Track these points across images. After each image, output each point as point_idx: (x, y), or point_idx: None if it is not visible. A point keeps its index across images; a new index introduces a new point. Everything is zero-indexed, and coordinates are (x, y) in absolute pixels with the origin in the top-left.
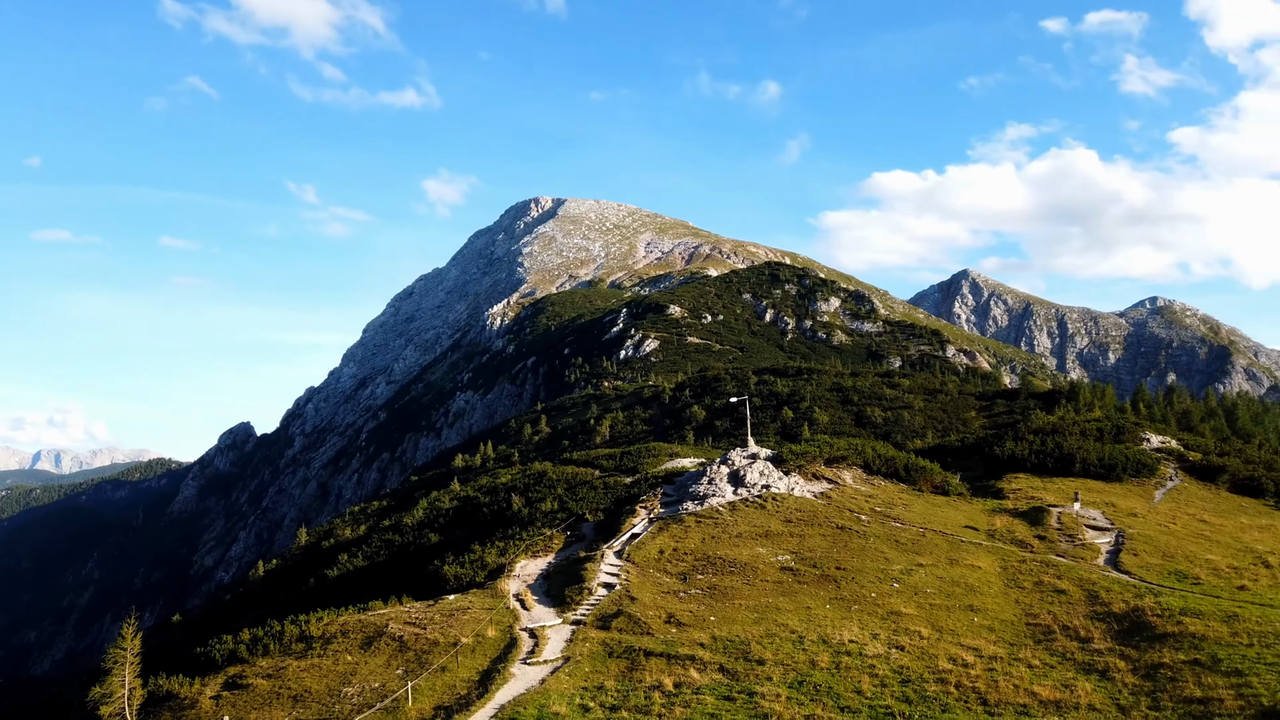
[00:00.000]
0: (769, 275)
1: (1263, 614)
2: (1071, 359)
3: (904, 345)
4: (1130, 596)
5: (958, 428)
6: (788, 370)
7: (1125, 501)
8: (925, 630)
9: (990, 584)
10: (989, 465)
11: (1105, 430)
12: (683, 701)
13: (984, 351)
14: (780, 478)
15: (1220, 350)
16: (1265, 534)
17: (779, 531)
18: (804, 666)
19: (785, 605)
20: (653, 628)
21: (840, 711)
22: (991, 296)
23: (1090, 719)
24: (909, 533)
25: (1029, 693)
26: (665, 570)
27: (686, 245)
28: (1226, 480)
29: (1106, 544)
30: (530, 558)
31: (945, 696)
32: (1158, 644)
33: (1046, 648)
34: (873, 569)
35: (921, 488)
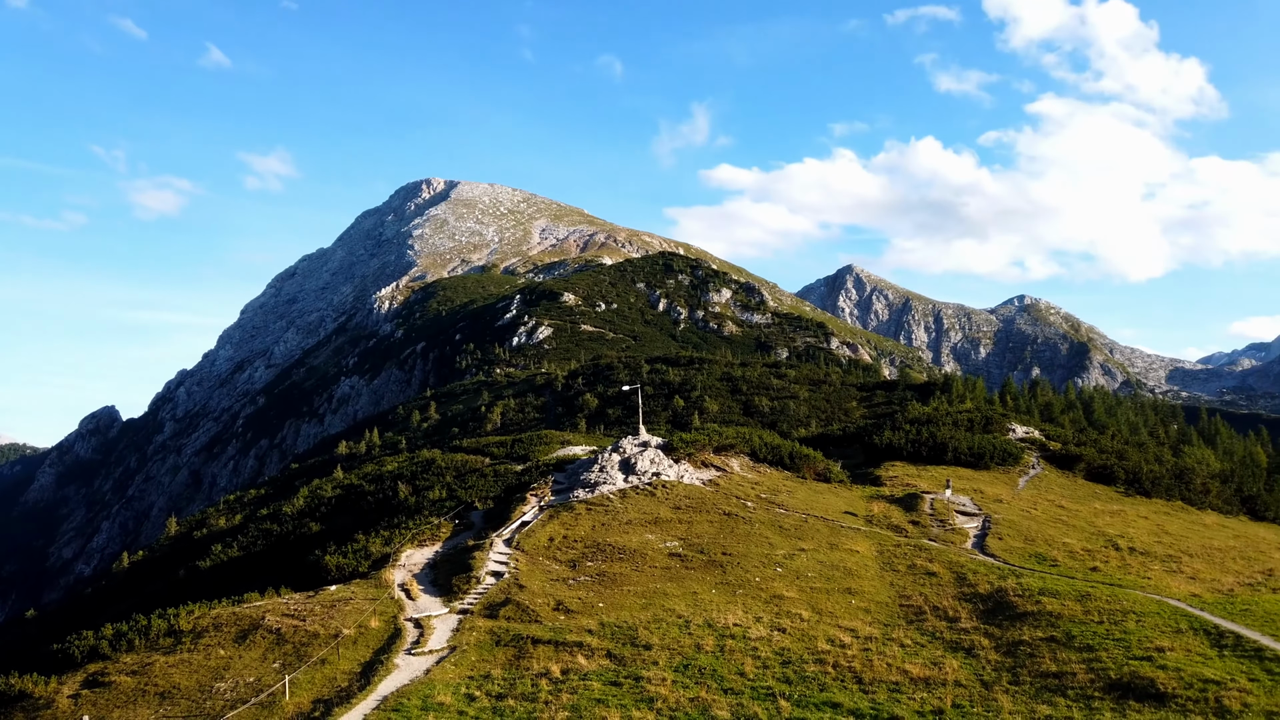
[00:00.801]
0: (663, 265)
1: (1112, 593)
2: (946, 353)
3: (791, 337)
4: (995, 578)
5: (840, 417)
6: (680, 360)
7: (992, 488)
8: (806, 613)
9: (867, 567)
10: (868, 453)
11: (975, 421)
12: (570, 688)
13: (866, 344)
14: (671, 465)
15: (1080, 347)
16: (1116, 519)
17: (668, 518)
18: (690, 650)
19: (673, 591)
20: (541, 615)
21: (724, 693)
22: (874, 291)
23: (956, 694)
24: (792, 519)
25: (901, 671)
26: (555, 558)
27: (582, 233)
28: (1082, 468)
29: (974, 528)
30: (417, 547)
31: (823, 676)
32: (1018, 622)
33: (918, 628)
34: (757, 554)
35: (805, 475)
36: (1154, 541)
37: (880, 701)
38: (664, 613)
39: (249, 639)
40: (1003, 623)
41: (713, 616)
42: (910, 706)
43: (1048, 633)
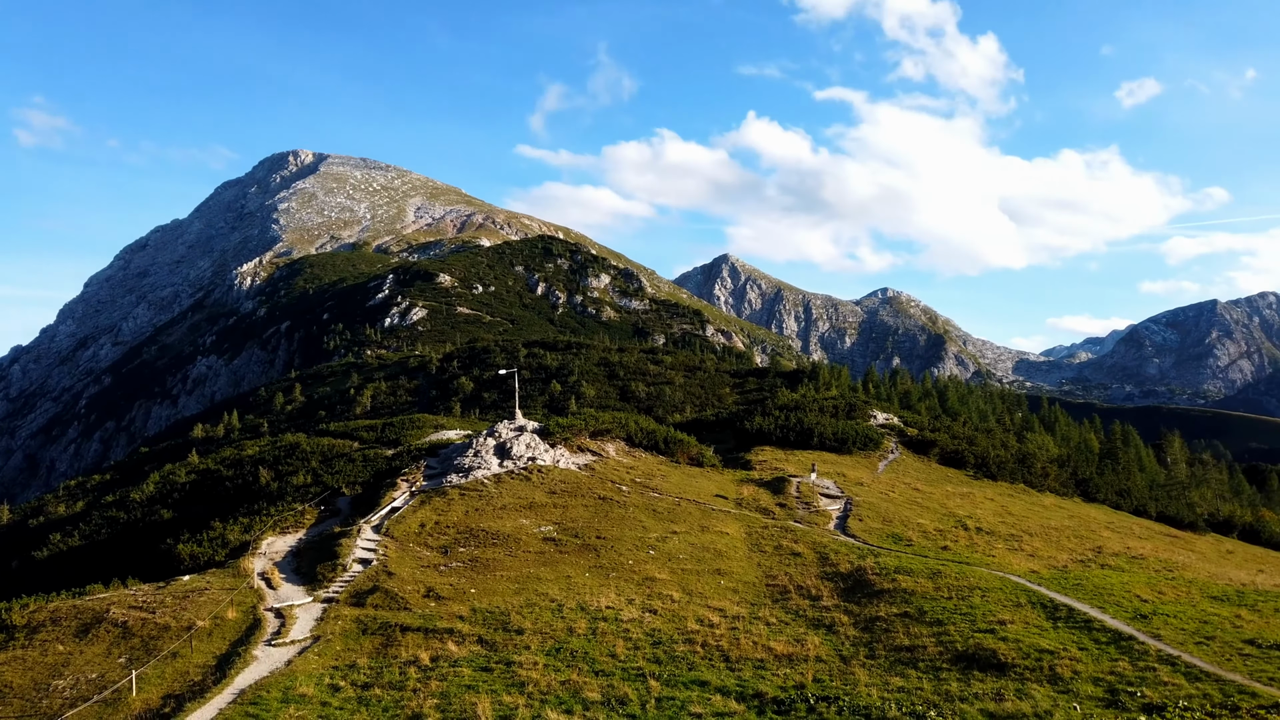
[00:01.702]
0: (542, 249)
1: (960, 570)
2: (814, 342)
3: (668, 324)
4: (855, 558)
5: (714, 403)
6: (558, 344)
7: (854, 472)
8: (677, 594)
9: (736, 549)
10: (740, 438)
11: (840, 408)
12: (439, 675)
13: (739, 332)
14: (546, 450)
15: (937, 338)
16: (965, 500)
17: (543, 503)
18: (562, 634)
19: (546, 575)
20: (411, 603)
21: (595, 675)
22: (748, 281)
23: (817, 669)
24: (666, 502)
25: (766, 648)
26: (426, 544)
27: (459, 213)
28: (936, 453)
29: (837, 510)
30: (279, 534)
31: (692, 656)
32: (876, 599)
33: (783, 606)
34: (631, 537)
35: (679, 459)
36: (999, 522)
37: (746, 678)
38: (537, 597)
39: (92, 633)
40: (861, 600)
41: (586, 600)
42: (774, 682)
43: (902, 609)
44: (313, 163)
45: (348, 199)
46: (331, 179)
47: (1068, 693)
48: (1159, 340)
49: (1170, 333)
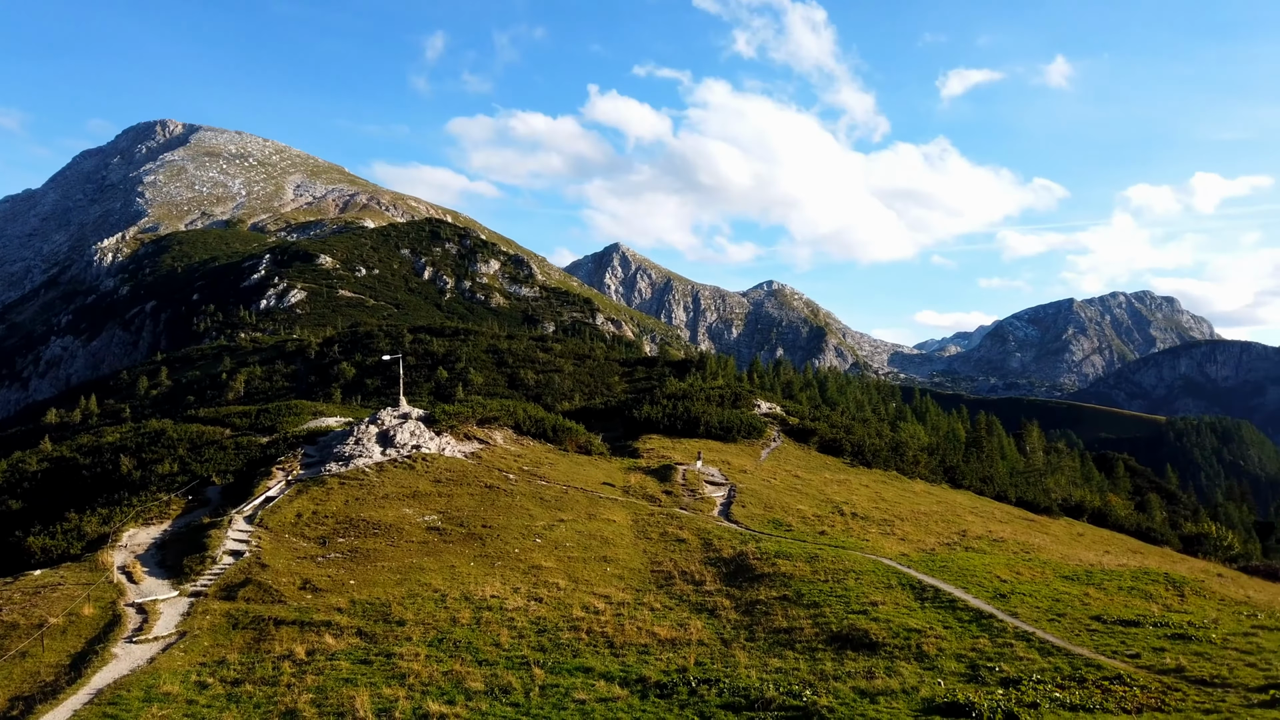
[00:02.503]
0: (430, 232)
1: (836, 554)
2: (703, 332)
3: (558, 311)
4: (737, 543)
5: (603, 391)
6: (445, 330)
7: (738, 460)
8: (563, 582)
9: (623, 536)
10: (628, 426)
11: (726, 397)
12: (315, 669)
13: (629, 321)
14: (432, 438)
15: (818, 330)
16: (842, 487)
17: (428, 492)
18: (445, 624)
19: (430, 565)
20: (286, 595)
21: (478, 665)
22: (638, 270)
23: (699, 653)
24: (553, 490)
25: (650, 633)
26: (303, 535)
27: (342, 192)
28: (816, 441)
29: (721, 497)
30: (142, 526)
31: (577, 643)
32: (756, 583)
33: (667, 592)
34: (518, 526)
35: (567, 447)
36: (873, 507)
37: (630, 664)
38: (420, 588)
39: None
40: (743, 584)
41: (470, 589)
42: (657, 666)
43: (781, 592)
44: (183, 134)
45: (221, 174)
46: (204, 152)
47: (933, 669)
48: (1021, 336)
49: (1032, 329)
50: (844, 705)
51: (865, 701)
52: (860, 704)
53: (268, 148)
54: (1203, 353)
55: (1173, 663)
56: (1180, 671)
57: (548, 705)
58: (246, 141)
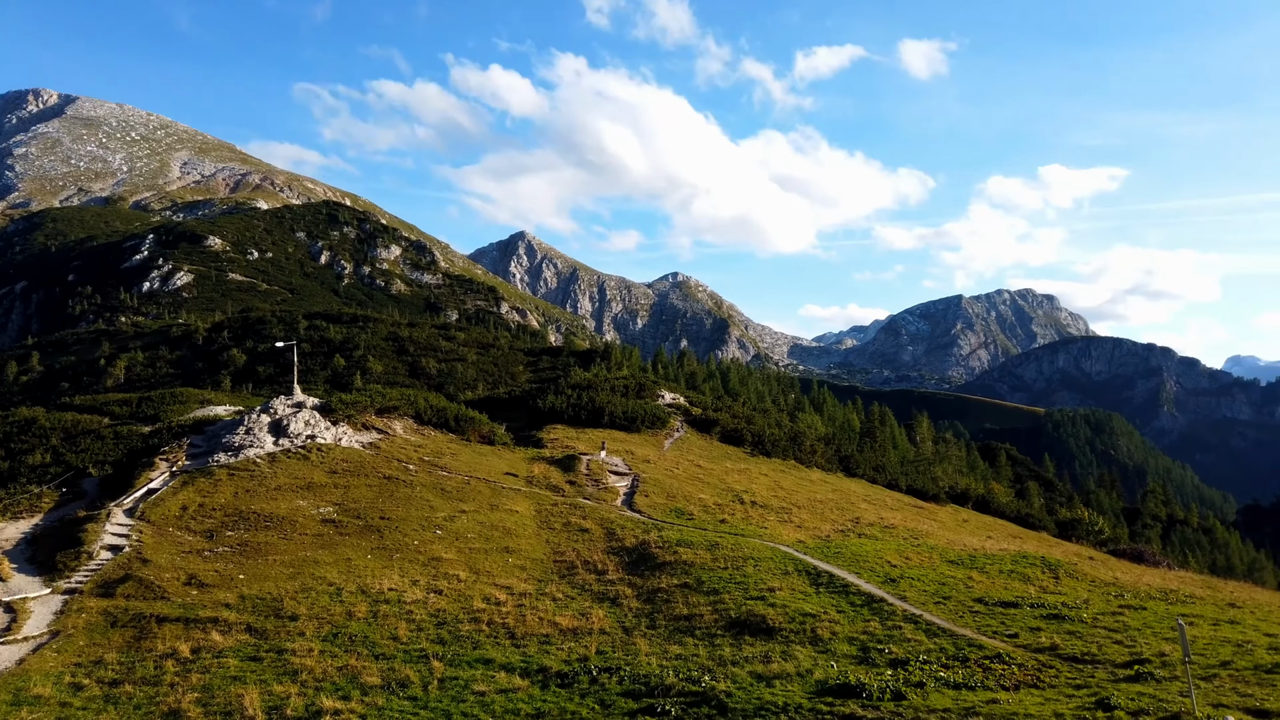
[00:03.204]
0: (327, 215)
1: (736, 542)
2: (608, 322)
3: (462, 299)
4: (640, 532)
5: (507, 381)
6: (343, 316)
7: (642, 450)
8: (464, 573)
9: (526, 526)
10: (532, 416)
11: (630, 387)
12: (201, 667)
13: (535, 310)
14: (328, 428)
15: (721, 322)
16: (742, 476)
17: (323, 483)
18: (340, 619)
19: (325, 558)
20: (169, 591)
21: (375, 659)
22: (544, 259)
23: (600, 641)
24: (455, 481)
25: (552, 623)
26: (189, 528)
27: (233, 171)
28: (718, 432)
29: (625, 487)
30: (9, 520)
31: (478, 634)
32: (658, 572)
33: (570, 581)
34: (417, 517)
35: (470, 437)
36: (771, 496)
37: (531, 654)
38: (314, 581)
39: None
40: (645, 573)
41: (367, 582)
42: (559, 656)
43: (682, 580)
44: (58, 104)
45: (101, 148)
46: (81, 124)
47: (826, 652)
48: (913, 330)
49: (923, 323)
50: (741, 689)
51: (762, 685)
52: (757, 687)
53: (152, 122)
54: (1079, 348)
55: (1048, 641)
56: (1054, 650)
57: (446, 698)
58: (129, 114)
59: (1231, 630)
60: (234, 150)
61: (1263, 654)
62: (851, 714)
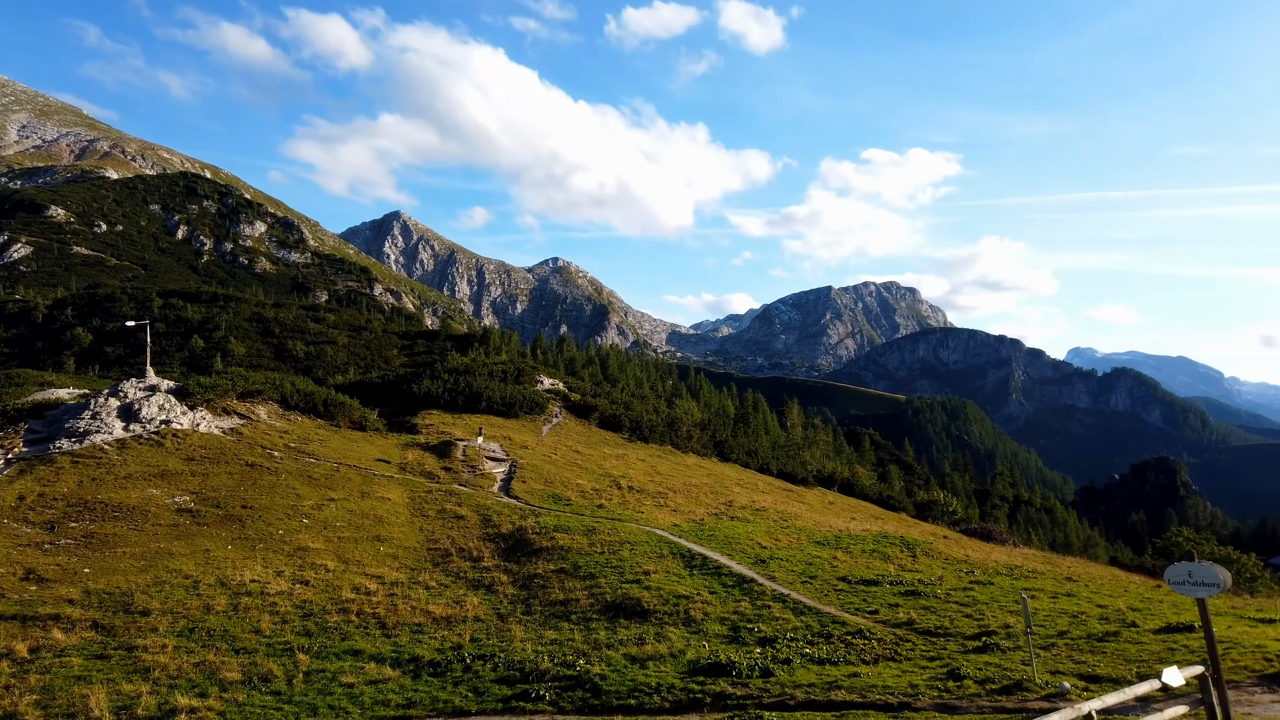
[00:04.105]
0: (185, 187)
1: (613, 526)
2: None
3: (333, 280)
4: (517, 518)
5: (380, 365)
6: (202, 295)
7: (520, 435)
8: (332, 563)
9: (398, 514)
10: (407, 402)
11: (509, 372)
12: (41, 667)
13: (410, 293)
14: (185, 412)
15: (601, 308)
16: (620, 461)
17: (179, 471)
18: (198, 613)
19: (180, 550)
20: (4, 588)
21: (235, 654)
22: (420, 240)
23: (475, 629)
24: (323, 468)
25: (425, 612)
26: (26, 520)
27: (79, 137)
28: (597, 417)
29: (502, 473)
30: None
31: (346, 625)
32: (534, 558)
33: (444, 569)
34: (283, 506)
35: (340, 423)
36: (648, 480)
37: (403, 644)
38: (169, 574)
39: None
40: (521, 559)
41: (227, 574)
42: (431, 645)
43: (558, 565)
44: None
45: None
46: None
47: (699, 632)
48: (786, 319)
49: (795, 313)
50: (616, 672)
51: (636, 667)
52: (631, 670)
53: None
54: (937, 339)
55: (905, 617)
56: (911, 624)
57: (312, 691)
58: None
59: (1068, 602)
60: (80, 114)
61: (1095, 624)
62: (722, 692)
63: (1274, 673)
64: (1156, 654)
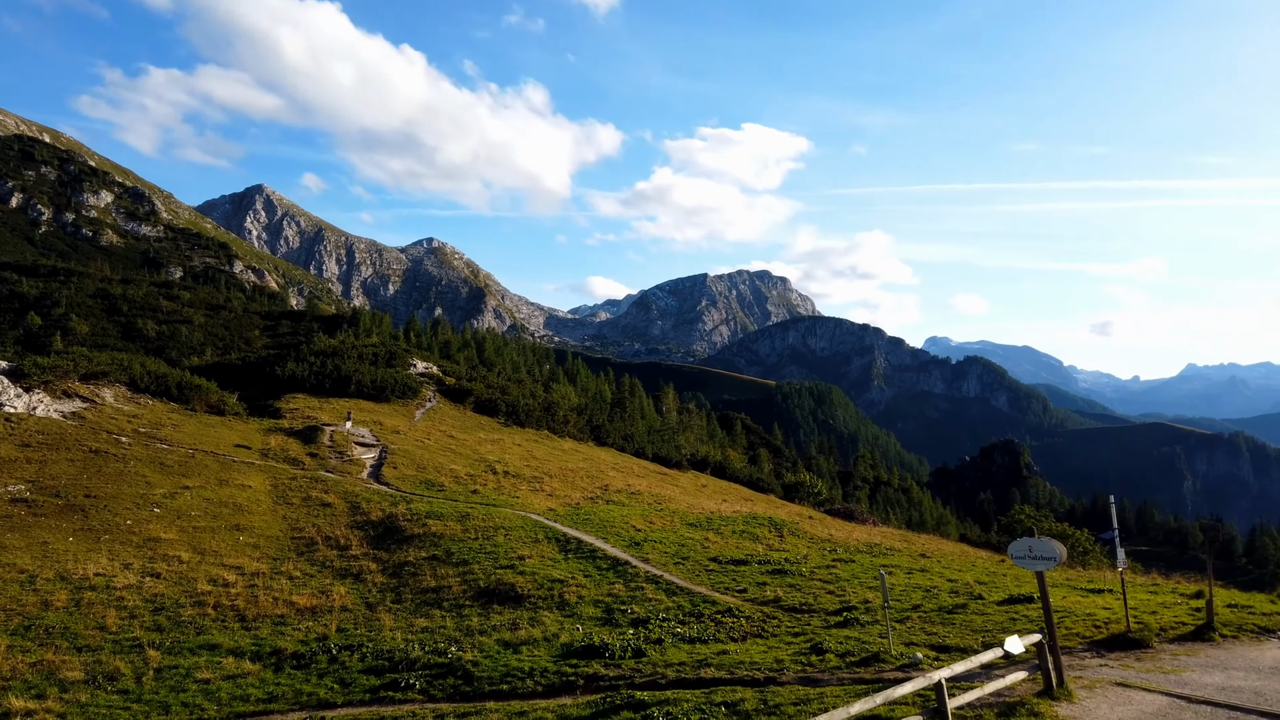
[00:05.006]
0: (20, 151)
1: (488, 512)
2: (357, 287)
3: (188, 255)
4: (387, 505)
5: (241, 346)
6: (39, 268)
7: (392, 420)
8: (186, 555)
9: (260, 502)
10: (270, 385)
11: (380, 355)
12: None
13: (274, 271)
14: (19, 395)
15: (478, 291)
16: (495, 446)
17: (12, 458)
18: (35, 609)
19: (15, 543)
20: None
21: (78, 652)
22: (285, 216)
23: (341, 619)
24: (177, 454)
25: (288, 603)
26: None
27: None
28: (472, 401)
29: (372, 459)
30: None
31: (202, 619)
32: (406, 545)
33: (309, 559)
34: (131, 495)
35: (196, 407)
36: (524, 465)
37: (264, 636)
38: (1, 569)
39: None
40: (391, 547)
41: (69, 568)
42: (295, 637)
43: (431, 552)
44: None
45: None
46: None
47: (573, 616)
48: (663, 305)
49: (671, 299)
50: (488, 658)
51: (509, 652)
52: (504, 655)
53: None
54: (806, 327)
55: (772, 595)
56: (777, 602)
57: (164, 689)
58: None
59: (922, 578)
60: None
61: (945, 597)
62: (595, 674)
63: (1102, 638)
64: (1000, 624)
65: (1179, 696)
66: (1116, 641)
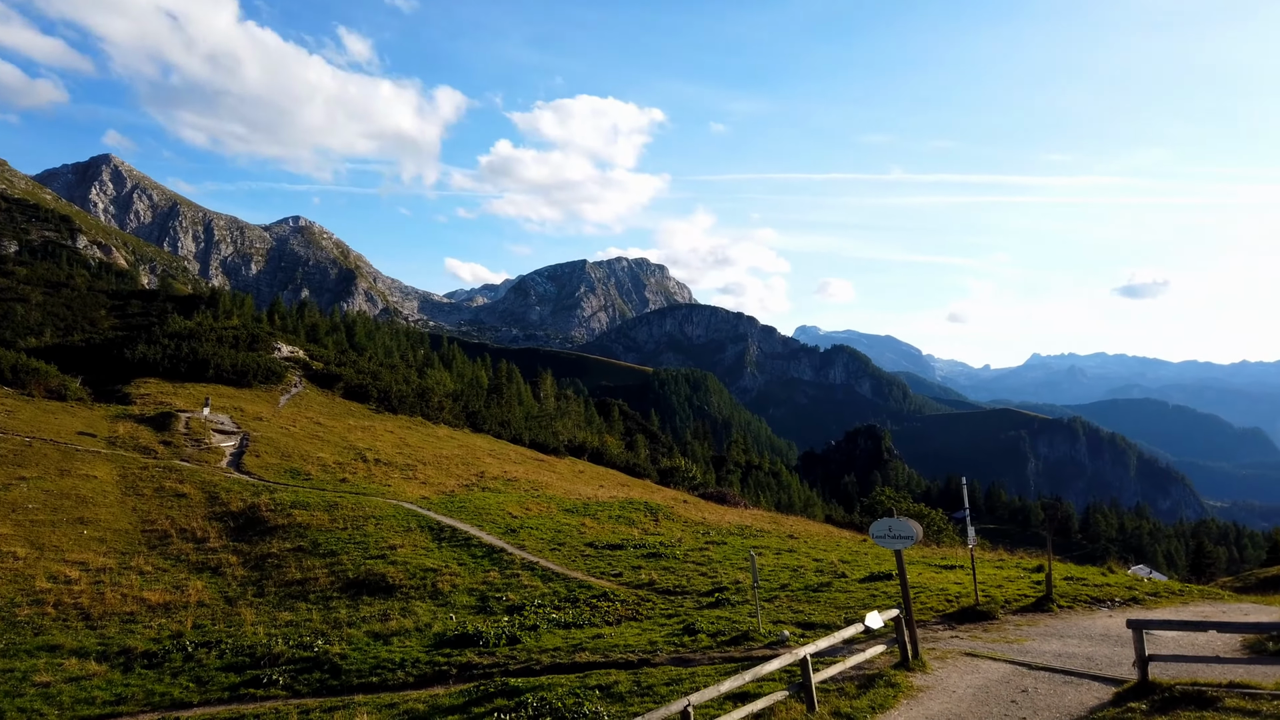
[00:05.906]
0: None
1: (357, 501)
2: (216, 266)
3: (24, 228)
4: (249, 495)
5: (85, 327)
6: None
7: (254, 406)
8: (22, 550)
9: (107, 494)
10: (118, 369)
11: (241, 338)
12: None
13: (123, 247)
14: None
15: (348, 273)
16: (366, 433)
17: None
18: None
19: None
20: None
21: None
22: (136, 189)
23: (198, 615)
24: (11, 443)
25: (138, 600)
26: None
27: None
28: (341, 387)
29: (232, 447)
30: None
31: (41, 618)
32: (269, 536)
33: (161, 553)
34: None
35: (33, 393)
36: (396, 453)
37: (111, 635)
38: None
39: None
40: (253, 538)
41: None
42: (146, 635)
43: (296, 543)
44: None
45: None
46: None
47: (447, 605)
48: (541, 291)
49: (550, 285)
50: (357, 650)
51: (379, 644)
52: (374, 647)
53: None
54: (683, 314)
55: (647, 578)
56: (652, 585)
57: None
58: None
59: (790, 558)
60: None
61: (811, 576)
62: (468, 662)
63: (954, 612)
64: (862, 601)
65: (1021, 664)
66: (967, 614)
